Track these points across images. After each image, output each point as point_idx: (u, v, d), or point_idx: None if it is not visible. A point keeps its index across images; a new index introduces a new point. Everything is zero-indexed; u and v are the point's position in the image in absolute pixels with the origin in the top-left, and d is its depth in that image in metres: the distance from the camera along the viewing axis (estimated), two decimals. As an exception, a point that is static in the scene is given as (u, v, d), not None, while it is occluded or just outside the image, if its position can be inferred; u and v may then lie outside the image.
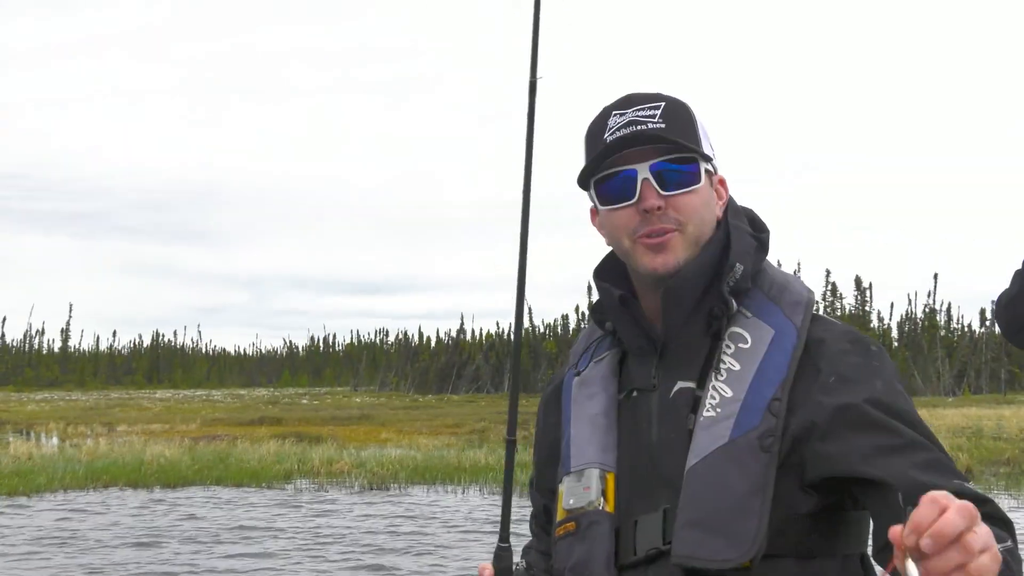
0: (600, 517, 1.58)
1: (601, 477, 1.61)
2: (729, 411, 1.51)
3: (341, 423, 33.30)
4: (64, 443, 25.22)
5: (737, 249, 1.60)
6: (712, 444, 1.50)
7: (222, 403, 52.82)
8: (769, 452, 1.47)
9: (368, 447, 23.24)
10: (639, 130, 1.59)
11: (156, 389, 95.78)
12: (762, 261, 1.66)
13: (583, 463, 1.64)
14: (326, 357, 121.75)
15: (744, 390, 1.51)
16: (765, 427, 1.48)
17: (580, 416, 1.70)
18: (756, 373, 1.52)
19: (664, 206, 1.57)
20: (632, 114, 1.61)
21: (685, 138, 1.60)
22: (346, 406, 46.43)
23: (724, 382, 1.54)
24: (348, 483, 17.20)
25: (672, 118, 1.60)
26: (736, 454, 1.48)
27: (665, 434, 1.57)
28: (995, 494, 15.41)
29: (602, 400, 1.68)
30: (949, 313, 76.49)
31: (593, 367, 1.73)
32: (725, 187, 1.70)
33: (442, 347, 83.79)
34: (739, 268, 1.59)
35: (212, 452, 20.88)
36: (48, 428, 32.08)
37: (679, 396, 1.58)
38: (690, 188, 1.59)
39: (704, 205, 1.62)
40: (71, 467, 18.09)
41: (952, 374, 67.83)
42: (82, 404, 51.39)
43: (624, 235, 1.61)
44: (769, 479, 1.46)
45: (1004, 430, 25.64)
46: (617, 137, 1.59)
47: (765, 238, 1.67)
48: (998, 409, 38.08)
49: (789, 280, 1.64)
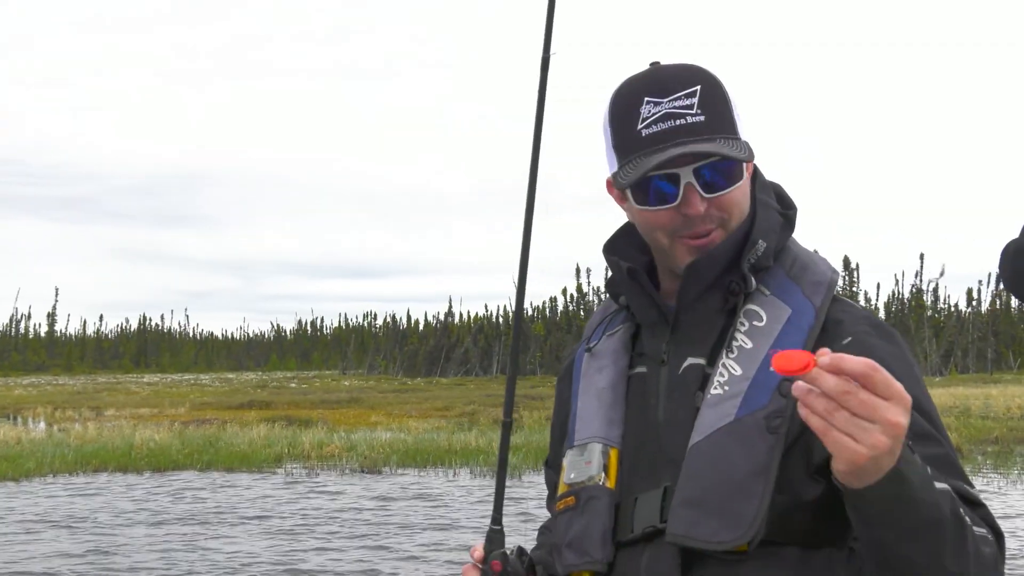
0: (599, 492, 1.55)
1: (604, 452, 1.58)
2: (737, 389, 1.46)
3: (330, 406, 33.30)
4: (52, 428, 25.15)
5: (762, 226, 1.56)
6: (717, 422, 1.45)
7: (210, 387, 52.76)
8: (776, 434, 1.41)
9: (358, 430, 23.25)
10: (678, 125, 1.50)
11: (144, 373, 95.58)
12: (787, 238, 1.61)
13: (586, 437, 1.61)
14: (314, 341, 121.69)
15: (755, 368, 1.46)
16: (774, 407, 1.42)
17: (587, 390, 1.67)
18: (769, 352, 1.47)
19: (707, 207, 1.52)
20: (668, 105, 1.51)
21: (725, 129, 1.52)
22: (335, 389, 46.43)
23: (735, 360, 1.49)
24: (339, 466, 17.20)
25: (710, 106, 1.52)
26: (741, 433, 1.43)
27: (672, 410, 1.54)
28: (984, 473, 15.50)
29: (610, 374, 1.65)
30: (936, 293, 76.88)
31: (605, 341, 1.70)
32: (752, 165, 1.63)
33: (431, 330, 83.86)
34: (762, 245, 1.54)
35: (202, 436, 20.85)
36: (36, 413, 32.00)
37: (688, 372, 1.54)
38: (733, 187, 1.53)
39: (744, 196, 1.56)
40: (60, 451, 18.05)
41: (939, 354, 68.21)
42: (69, 388, 51.27)
43: (662, 233, 1.55)
44: (773, 461, 1.40)
45: (991, 409, 25.84)
46: (653, 133, 1.51)
47: (792, 215, 1.62)
48: (985, 388, 38.36)
49: (813, 259, 1.59)
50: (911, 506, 1.23)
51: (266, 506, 13.14)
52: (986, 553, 1.32)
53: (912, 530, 1.24)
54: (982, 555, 1.31)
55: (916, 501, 1.23)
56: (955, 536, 1.27)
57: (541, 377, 65.68)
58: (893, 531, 1.25)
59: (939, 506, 1.25)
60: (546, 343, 75.52)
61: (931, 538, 1.25)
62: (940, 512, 1.25)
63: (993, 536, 1.35)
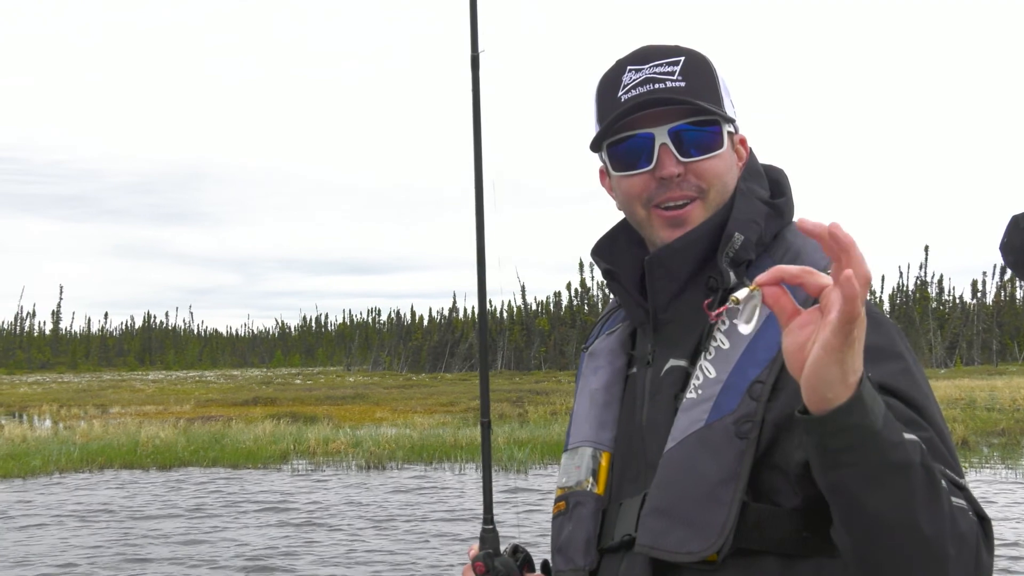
0: (586, 498, 1.53)
1: (594, 456, 1.55)
2: (710, 393, 1.40)
3: (335, 403, 33.31)
4: (58, 425, 25.18)
5: (739, 217, 1.49)
6: (689, 428, 1.40)
7: (215, 384, 52.81)
8: (745, 438, 1.36)
9: (363, 426, 23.25)
10: (656, 88, 1.48)
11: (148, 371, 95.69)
12: (779, 228, 1.54)
13: (578, 441, 1.59)
14: (318, 337, 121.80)
15: (728, 371, 1.40)
16: (743, 411, 1.37)
17: (583, 391, 1.64)
18: (744, 352, 1.40)
19: (683, 172, 1.48)
20: (649, 70, 1.49)
21: (706, 97, 1.48)
22: (340, 385, 46.45)
23: (711, 361, 1.43)
24: (345, 463, 17.19)
25: (692, 75, 1.49)
26: (710, 439, 1.38)
27: (653, 414, 1.50)
28: (991, 464, 15.47)
29: (605, 375, 1.62)
30: (940, 285, 76.79)
31: (603, 340, 1.67)
32: (745, 146, 1.58)
33: (435, 325, 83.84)
34: (738, 238, 1.47)
35: (207, 433, 20.86)
36: (41, 410, 32.02)
37: (669, 374, 1.49)
38: (712, 153, 1.49)
39: (727, 170, 1.51)
40: (66, 449, 18.06)
41: (944, 346, 68.12)
42: (74, 386, 51.33)
43: (639, 203, 1.52)
44: (744, 467, 1.35)
45: (997, 401, 25.79)
46: (632, 96, 1.48)
47: (782, 203, 1.55)
48: (990, 380, 38.34)
49: (807, 248, 1.51)
50: (875, 440, 1.13)
51: (272, 502, 13.13)
52: (963, 527, 1.21)
53: (878, 473, 1.14)
54: (959, 526, 1.20)
55: (880, 435, 1.13)
56: (927, 491, 1.16)
57: (546, 372, 65.68)
58: (858, 474, 1.14)
59: (906, 448, 1.15)
60: (550, 338, 75.50)
61: (900, 485, 1.15)
62: (907, 455, 1.15)
63: (975, 516, 1.25)
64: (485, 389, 1.87)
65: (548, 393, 34.54)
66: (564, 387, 39.56)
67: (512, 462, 16.35)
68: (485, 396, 1.87)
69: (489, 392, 1.87)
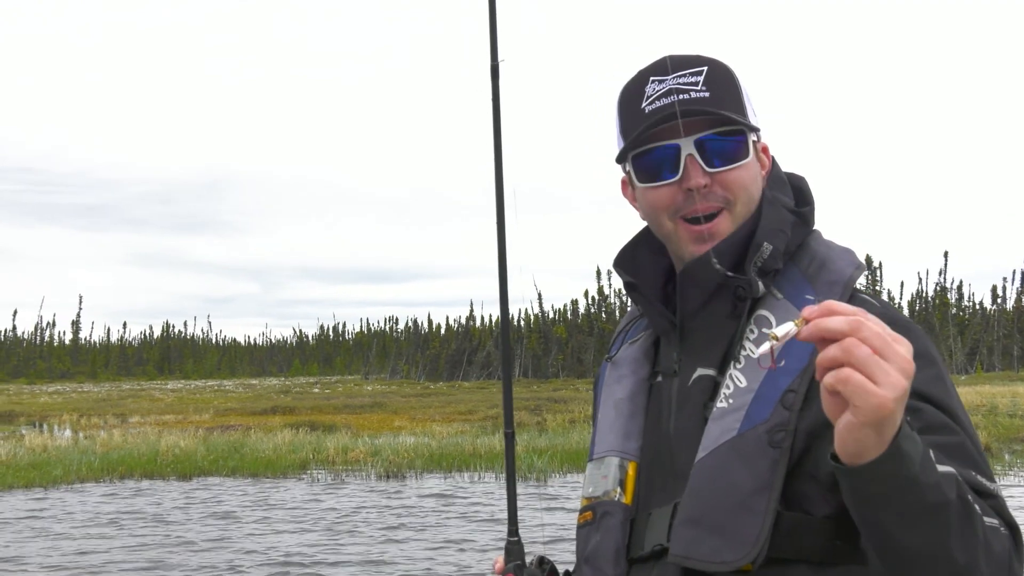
0: (614, 508, 1.53)
1: (620, 466, 1.55)
2: (741, 402, 1.40)
3: (354, 411, 33.35)
4: (78, 435, 25.30)
5: (766, 226, 1.49)
6: (721, 437, 1.40)
7: (234, 393, 52.98)
8: (779, 448, 1.35)
9: (382, 435, 23.26)
10: (681, 99, 1.47)
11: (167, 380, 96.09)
12: (804, 236, 1.53)
13: (604, 451, 1.58)
14: (336, 346, 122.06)
15: (759, 380, 1.40)
16: (776, 420, 1.36)
17: (607, 401, 1.64)
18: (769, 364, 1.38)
19: (710, 183, 1.47)
20: (672, 81, 1.49)
21: (730, 107, 1.48)
22: (358, 394, 46.51)
23: (741, 370, 1.43)
24: (364, 472, 17.19)
25: (716, 85, 1.49)
26: (743, 448, 1.37)
27: (682, 423, 1.49)
28: (1016, 471, 15.32)
29: (629, 384, 1.61)
30: (960, 291, 76.35)
31: (626, 349, 1.66)
32: (768, 154, 1.58)
33: (452, 334, 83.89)
34: (767, 248, 1.47)
35: (226, 442, 20.90)
36: (61, 420, 32.21)
37: (697, 384, 1.49)
38: (738, 163, 1.48)
39: (752, 179, 1.51)
40: (86, 459, 18.13)
41: (964, 352, 67.68)
42: (94, 396, 51.59)
43: (665, 215, 1.51)
44: (777, 477, 1.35)
45: (1019, 407, 25.57)
46: (656, 107, 1.48)
47: (807, 212, 1.55)
48: (1012, 386, 38.02)
49: (831, 256, 1.50)
50: (912, 486, 1.12)
51: (293, 511, 13.14)
52: (997, 548, 1.21)
53: (914, 514, 1.14)
54: (992, 548, 1.20)
55: (917, 481, 1.12)
56: (961, 523, 1.16)
57: (564, 380, 65.59)
58: (893, 514, 1.14)
59: (941, 488, 1.14)
60: (567, 346, 75.41)
61: (935, 524, 1.14)
62: (943, 495, 1.14)
63: (1007, 529, 1.25)
64: (508, 399, 1.86)
65: (566, 401, 34.47)
66: (582, 395, 39.46)
67: (532, 471, 16.32)
68: (509, 406, 1.86)
69: (512, 402, 1.86)
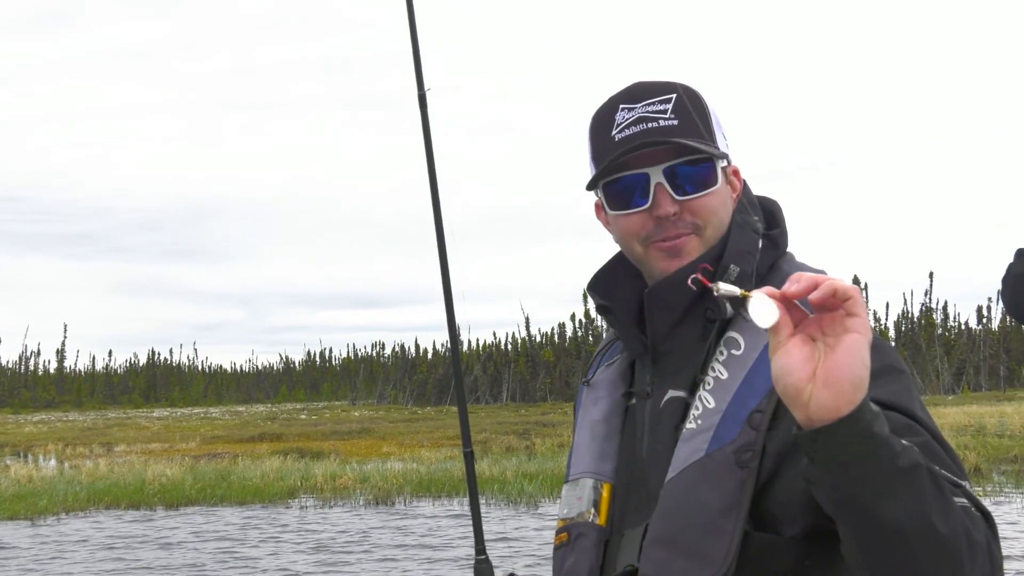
0: (588, 529, 1.54)
1: (595, 487, 1.57)
2: (709, 423, 1.42)
3: (341, 437, 33.17)
4: (63, 465, 25.07)
5: (734, 249, 1.51)
6: (689, 458, 1.42)
7: (221, 420, 52.65)
8: (746, 468, 1.37)
9: (370, 461, 23.14)
10: (650, 128, 1.49)
11: (153, 408, 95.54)
12: (775, 259, 1.56)
13: (578, 472, 1.61)
14: (323, 371, 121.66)
15: (727, 401, 1.42)
16: (743, 441, 1.38)
17: (583, 422, 1.66)
18: (742, 382, 1.42)
19: (679, 211, 1.49)
20: (642, 109, 1.51)
21: (699, 135, 1.50)
22: (345, 420, 46.27)
23: (710, 392, 1.44)
24: (353, 499, 17.08)
25: (685, 113, 1.51)
26: (711, 469, 1.39)
27: (653, 445, 1.51)
28: (1006, 493, 15.32)
29: (605, 406, 1.63)
30: (945, 311, 76.64)
31: (603, 371, 1.68)
32: (739, 177, 1.59)
33: (439, 358, 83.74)
34: (734, 270, 1.49)
35: (214, 470, 20.73)
36: (47, 450, 31.90)
37: (668, 405, 1.51)
38: (707, 191, 1.50)
39: (721, 205, 1.53)
40: (72, 489, 17.96)
41: (951, 372, 67.87)
42: (80, 424, 51.19)
43: (636, 240, 1.54)
44: (745, 496, 1.36)
45: (1007, 427, 25.60)
46: (626, 136, 1.50)
47: (777, 235, 1.57)
48: (999, 406, 38.10)
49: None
50: (884, 445, 1.13)
51: (282, 540, 13.03)
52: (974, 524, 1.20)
53: (889, 479, 1.13)
54: (970, 524, 1.19)
55: (887, 441, 1.13)
56: (935, 490, 1.16)
57: (552, 403, 65.49)
58: (869, 484, 1.13)
59: (909, 453, 1.15)
60: (555, 369, 75.34)
61: (911, 488, 1.14)
62: (914, 458, 1.15)
63: (979, 514, 1.24)
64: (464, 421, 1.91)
65: (555, 425, 34.37)
66: (570, 419, 39.10)
67: (522, 495, 16.24)
68: (465, 428, 1.91)
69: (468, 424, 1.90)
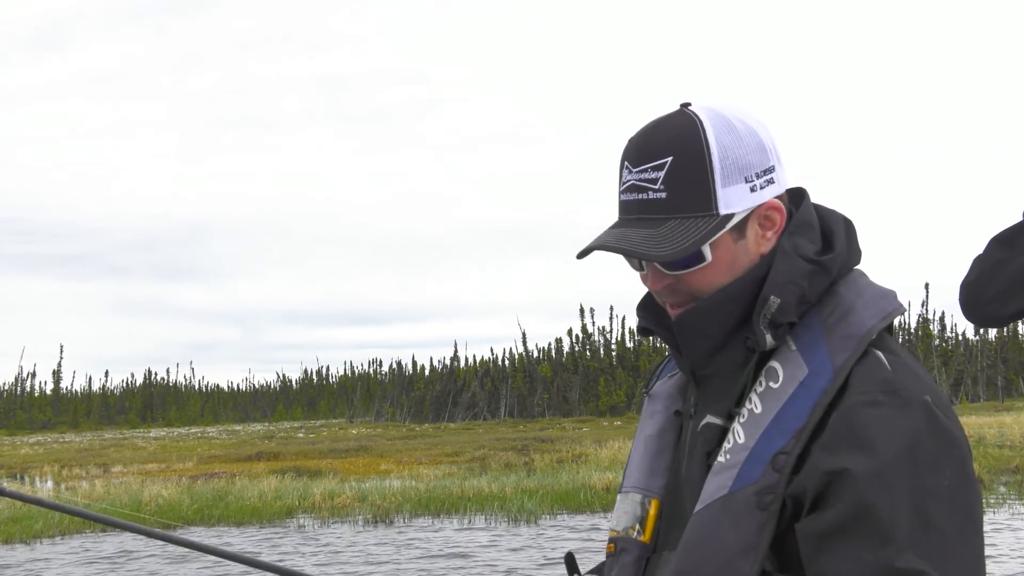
0: (631, 546, 1.55)
1: (642, 503, 1.57)
2: (736, 459, 1.39)
3: (339, 455, 33.00)
4: (60, 486, 24.92)
5: (776, 279, 1.42)
6: (715, 493, 1.40)
7: (218, 440, 52.44)
8: (766, 511, 1.34)
9: (369, 479, 23.00)
10: (640, 199, 1.45)
11: (150, 428, 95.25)
12: (826, 284, 1.45)
13: (630, 486, 1.61)
14: (320, 389, 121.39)
15: (756, 438, 1.38)
16: (765, 483, 1.35)
17: (639, 435, 1.66)
18: (773, 419, 1.37)
19: (674, 282, 1.47)
20: (636, 176, 1.45)
21: (688, 207, 1.42)
22: (343, 438, 46.10)
23: (743, 425, 1.41)
24: (352, 517, 16.95)
25: (677, 181, 1.42)
26: (732, 508, 1.37)
27: (690, 469, 1.51)
28: (1008, 504, 15.23)
29: (660, 420, 1.62)
30: (943, 322, 76.64)
31: (663, 383, 1.67)
32: (780, 210, 1.47)
33: (437, 375, 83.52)
34: (774, 302, 1.41)
35: (211, 490, 20.58)
36: (43, 471, 31.71)
37: (704, 431, 1.49)
38: (697, 267, 1.44)
39: (726, 269, 1.45)
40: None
41: (948, 383, 67.82)
42: (76, 446, 50.95)
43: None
44: (763, 539, 1.33)
45: (1007, 437, 25.52)
46: (624, 201, 1.48)
47: (828, 261, 1.45)
48: (998, 416, 38.04)
49: (858, 305, 1.43)
50: None
51: (280, 560, 12.90)
52: None
53: None
54: None
55: None
56: None
57: (550, 419, 65.32)
58: None
59: None
60: (552, 385, 75.16)
61: None
62: None
63: None
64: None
65: (553, 440, 34.21)
66: (568, 434, 39.16)
67: (523, 513, 16.13)
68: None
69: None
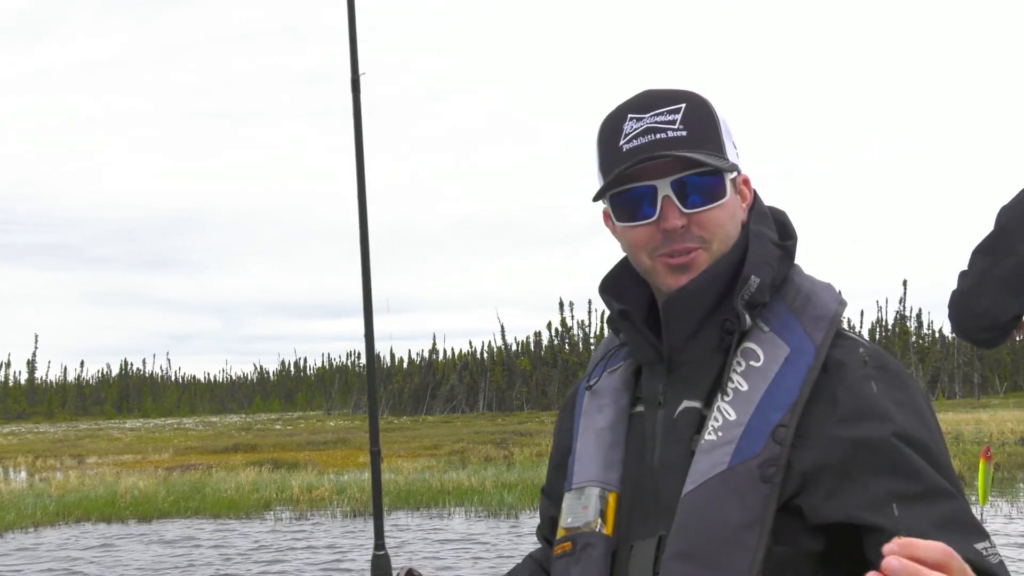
0: (595, 539, 1.52)
1: (601, 497, 1.54)
2: (731, 435, 1.41)
3: (317, 448, 32.85)
4: (33, 477, 24.65)
5: (754, 260, 1.49)
6: (710, 470, 1.40)
7: (194, 431, 52.11)
8: (770, 483, 1.36)
9: (347, 471, 22.85)
10: (658, 139, 1.47)
11: (126, 419, 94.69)
12: (788, 270, 1.54)
13: (584, 480, 1.57)
14: (297, 381, 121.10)
15: (749, 413, 1.41)
16: (767, 455, 1.37)
17: (587, 429, 1.62)
18: (764, 395, 1.41)
19: (687, 224, 1.48)
20: (650, 119, 1.49)
21: (708, 145, 1.48)
22: (321, 430, 45.90)
23: (729, 403, 1.43)
24: (330, 510, 16.80)
25: (694, 123, 1.49)
26: (734, 482, 1.38)
27: (666, 456, 1.49)
28: (991, 500, 15.25)
29: (610, 413, 1.60)
30: (919, 319, 77.16)
31: (606, 378, 1.65)
32: (749, 187, 1.58)
33: (415, 368, 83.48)
34: (754, 281, 1.48)
35: (187, 482, 20.36)
36: (16, 462, 31.36)
37: (683, 416, 1.49)
38: (715, 203, 1.49)
39: (729, 218, 1.51)
40: (41, 502, 17.57)
41: (925, 380, 68.28)
42: (51, 436, 50.53)
43: (644, 252, 1.52)
44: (768, 512, 1.36)
45: (984, 434, 25.68)
46: (633, 147, 1.48)
47: (791, 246, 1.56)
48: (974, 413, 38.34)
49: (816, 290, 1.52)
50: None
51: (257, 553, 12.76)
52: None
53: None
54: None
55: None
56: None
57: (528, 412, 65.31)
58: None
59: None
60: (531, 378, 75.19)
61: None
62: None
63: None
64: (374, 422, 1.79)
65: (532, 434, 34.15)
66: (548, 428, 39.12)
67: (503, 507, 16.01)
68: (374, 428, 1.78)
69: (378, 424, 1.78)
